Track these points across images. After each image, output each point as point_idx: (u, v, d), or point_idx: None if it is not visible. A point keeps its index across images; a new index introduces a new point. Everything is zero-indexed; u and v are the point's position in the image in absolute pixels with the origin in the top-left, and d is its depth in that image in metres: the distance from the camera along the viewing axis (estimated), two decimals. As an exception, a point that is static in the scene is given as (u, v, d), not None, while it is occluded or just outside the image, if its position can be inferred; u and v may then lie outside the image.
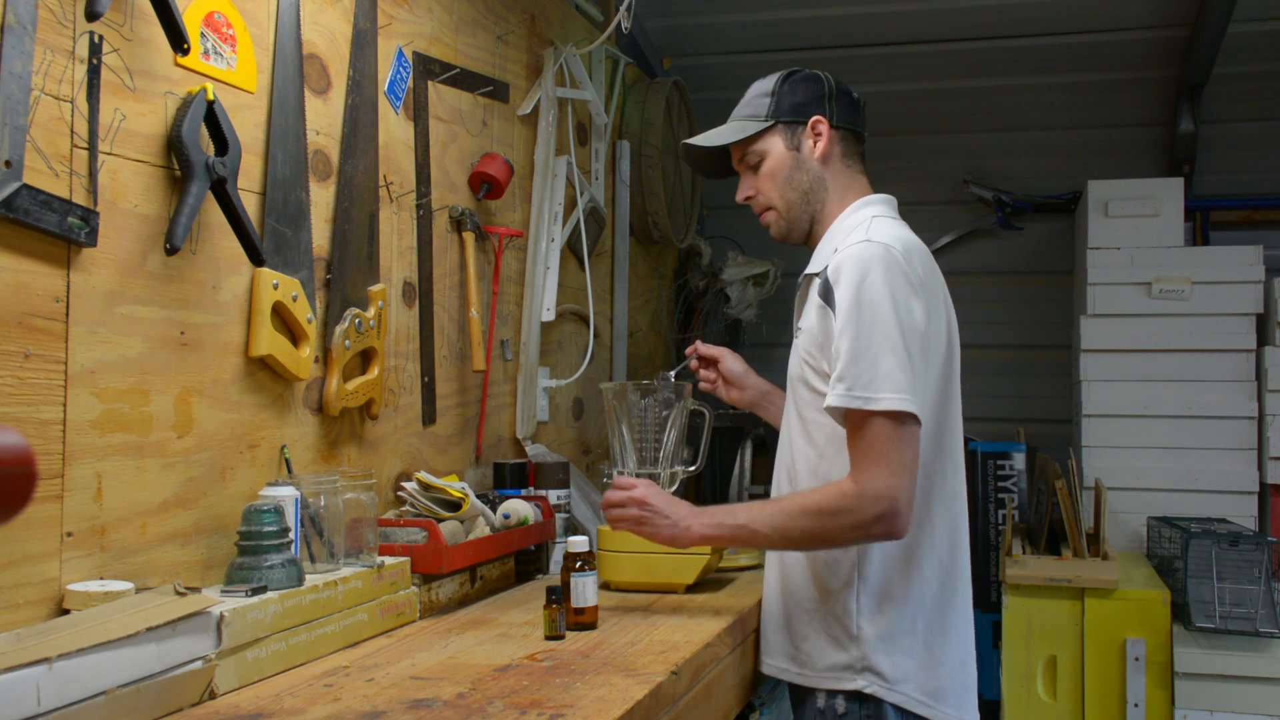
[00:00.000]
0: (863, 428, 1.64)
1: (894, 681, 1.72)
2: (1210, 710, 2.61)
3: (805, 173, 1.85)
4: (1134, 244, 3.25)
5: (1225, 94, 3.61)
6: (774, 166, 1.86)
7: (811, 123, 1.85)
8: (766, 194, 1.88)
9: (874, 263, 1.67)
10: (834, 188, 1.86)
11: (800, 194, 1.86)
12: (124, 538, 1.45)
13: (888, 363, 1.63)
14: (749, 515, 1.75)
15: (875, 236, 1.71)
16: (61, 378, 1.36)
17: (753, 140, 1.87)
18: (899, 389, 1.62)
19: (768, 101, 1.87)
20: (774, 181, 1.87)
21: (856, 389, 1.63)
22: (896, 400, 1.62)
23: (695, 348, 2.18)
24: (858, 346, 1.64)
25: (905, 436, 1.63)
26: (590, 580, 1.77)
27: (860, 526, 1.64)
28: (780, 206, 1.88)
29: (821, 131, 1.84)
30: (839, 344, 1.66)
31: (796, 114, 1.85)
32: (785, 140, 1.85)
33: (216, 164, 1.54)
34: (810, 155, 1.85)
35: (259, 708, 1.32)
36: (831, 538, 1.69)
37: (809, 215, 1.87)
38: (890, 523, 1.62)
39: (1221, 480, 3.11)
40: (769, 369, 2.22)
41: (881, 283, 1.65)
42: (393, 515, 1.96)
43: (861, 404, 1.62)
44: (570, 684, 1.42)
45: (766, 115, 1.86)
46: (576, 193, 2.80)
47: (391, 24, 2.06)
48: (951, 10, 3.47)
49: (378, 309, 1.96)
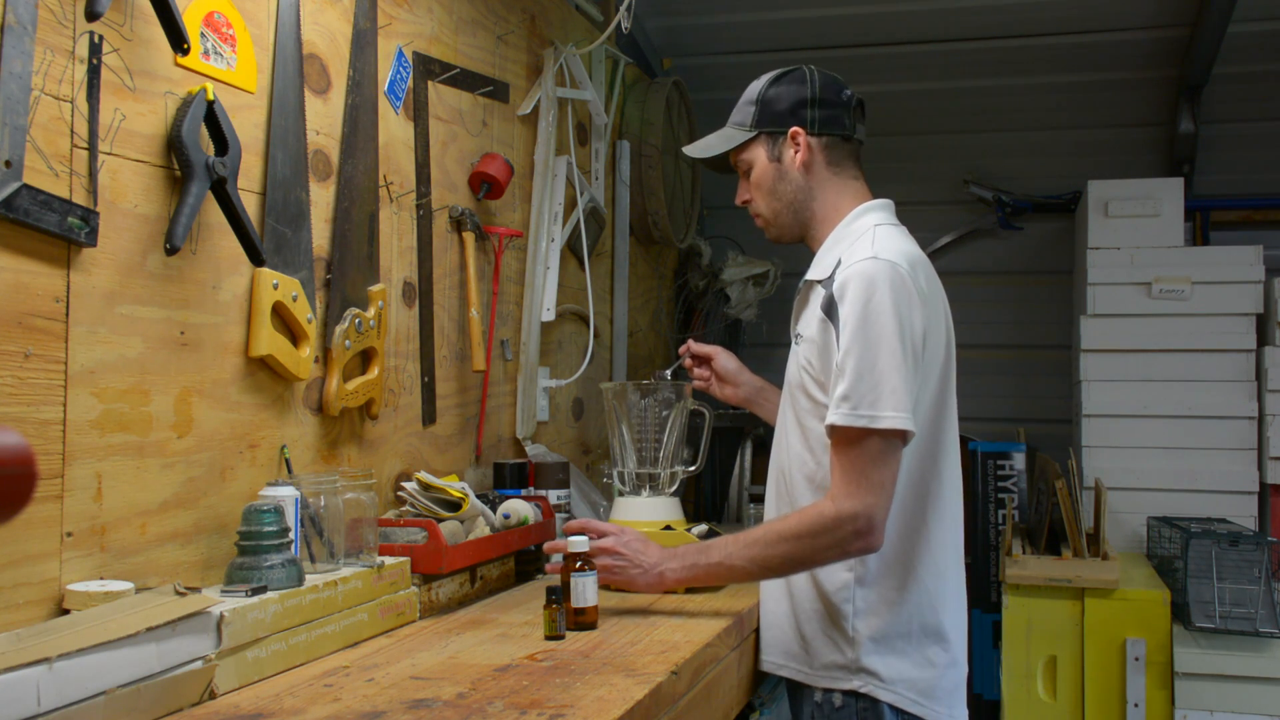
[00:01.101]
0: (854, 444, 1.67)
1: (889, 681, 1.75)
2: (1210, 710, 2.61)
3: (788, 183, 1.86)
4: (1134, 244, 3.25)
5: (1225, 94, 3.61)
6: (759, 177, 1.89)
7: (790, 134, 1.85)
8: (756, 202, 1.91)
9: (880, 281, 1.68)
10: (822, 195, 1.86)
11: (785, 204, 1.87)
12: (124, 538, 1.45)
13: (892, 381, 1.65)
14: (724, 552, 1.78)
15: (882, 253, 1.72)
16: (61, 378, 1.36)
17: (740, 150, 1.90)
18: (901, 408, 1.64)
19: (752, 110, 1.88)
20: (760, 191, 1.89)
21: (862, 408, 1.65)
22: (898, 419, 1.64)
23: (688, 346, 2.19)
24: (863, 366, 1.66)
25: (890, 454, 1.67)
26: (590, 580, 1.77)
27: (839, 545, 1.68)
28: (767, 215, 1.90)
29: (800, 142, 1.85)
30: (844, 361, 1.68)
31: (776, 124, 1.86)
32: (768, 151, 1.87)
33: (216, 164, 1.54)
34: (791, 165, 1.86)
35: (259, 708, 1.32)
36: (811, 559, 1.73)
37: (798, 223, 1.89)
38: (867, 539, 1.67)
39: (1221, 480, 3.11)
40: (769, 369, 2.22)
41: (889, 302, 1.67)
42: (393, 515, 1.96)
43: (866, 423, 1.65)
44: (570, 684, 1.42)
45: (750, 125, 1.88)
46: (576, 193, 2.80)
47: (391, 24, 2.06)
48: (951, 10, 3.47)
49: (378, 309, 1.96)
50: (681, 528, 2.11)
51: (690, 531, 2.09)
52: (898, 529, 1.76)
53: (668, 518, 2.14)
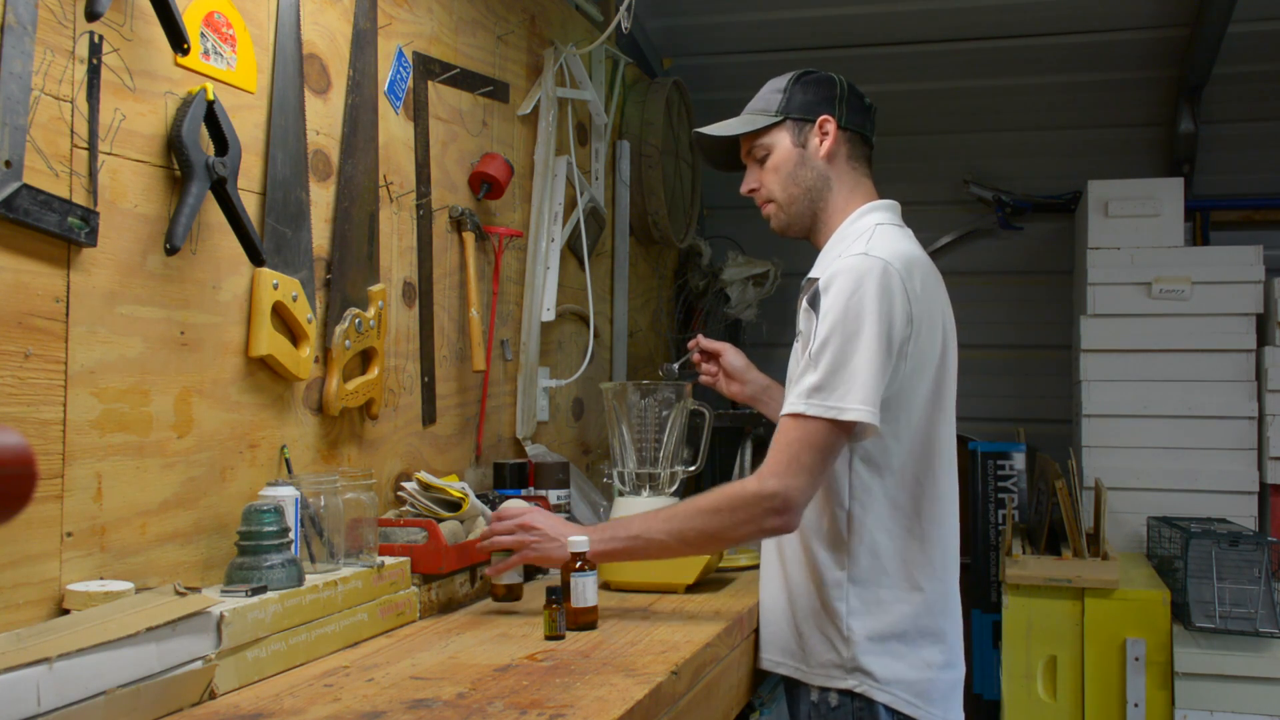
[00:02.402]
0: (799, 428, 1.68)
1: (884, 682, 1.75)
2: (1210, 710, 2.61)
3: (809, 169, 1.88)
4: (1134, 244, 3.25)
5: (1225, 94, 3.61)
6: (779, 161, 1.89)
7: (819, 121, 1.87)
8: (769, 187, 1.91)
9: (867, 278, 1.69)
10: (839, 187, 1.88)
11: (803, 190, 1.88)
12: (124, 538, 1.45)
13: (863, 376, 1.66)
14: (643, 525, 1.78)
15: (874, 251, 1.73)
16: (61, 378, 1.36)
17: (761, 134, 1.90)
18: (867, 401, 1.66)
19: (779, 98, 1.90)
20: (778, 175, 1.89)
21: (831, 399, 1.66)
22: (862, 412, 1.65)
23: (698, 341, 2.20)
24: (839, 360, 1.67)
25: (834, 444, 1.68)
26: (590, 580, 1.77)
27: (754, 521, 1.70)
28: (782, 200, 1.90)
29: (829, 131, 1.87)
30: (819, 352, 1.69)
31: (805, 111, 1.88)
32: (792, 137, 1.88)
33: (216, 164, 1.54)
34: (815, 153, 1.87)
35: (259, 708, 1.32)
36: (727, 534, 1.74)
37: (811, 212, 1.89)
38: (784, 517, 1.68)
39: (1221, 480, 3.11)
40: (769, 369, 2.22)
41: (872, 298, 1.68)
42: (393, 515, 1.97)
43: (834, 414, 1.66)
44: (570, 684, 1.42)
45: (776, 111, 1.89)
46: (576, 193, 2.80)
47: (391, 24, 2.06)
48: (951, 10, 3.47)
49: (378, 309, 1.96)
50: (681, 528, 2.11)
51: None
52: (892, 529, 1.76)
53: (668, 518, 2.13)
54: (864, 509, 1.76)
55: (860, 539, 1.76)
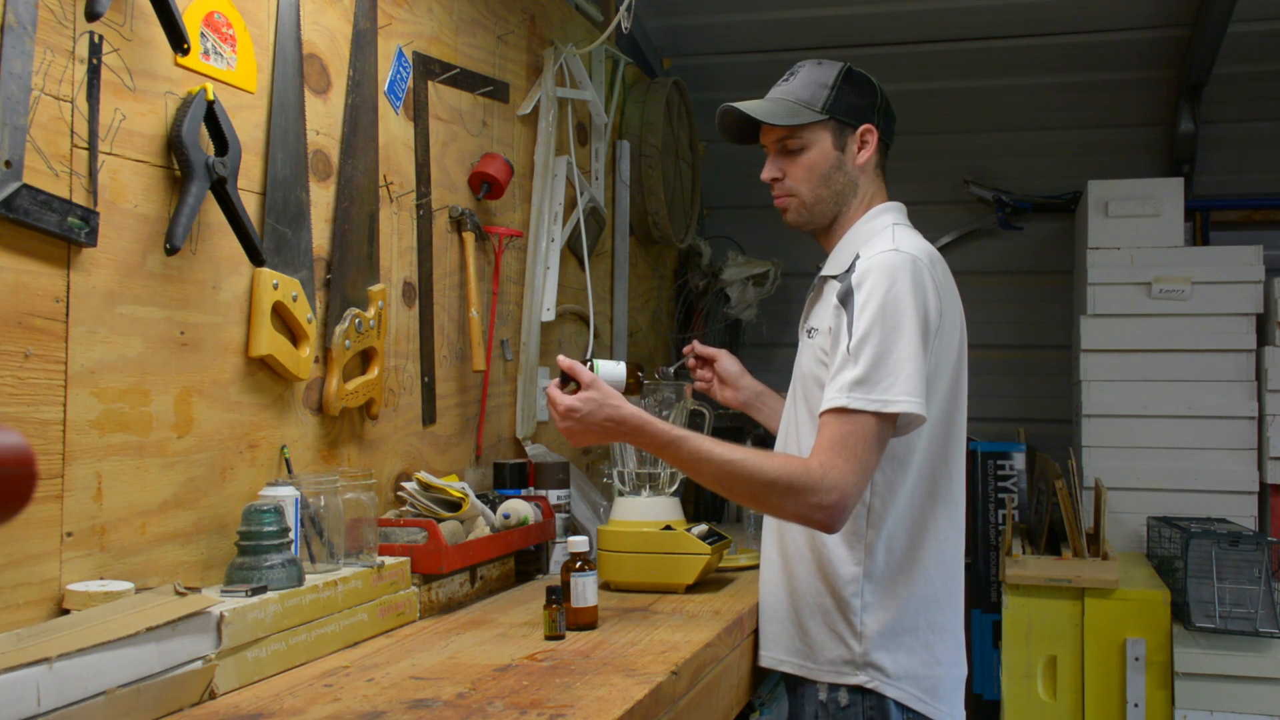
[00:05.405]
0: (850, 420, 1.65)
1: (895, 677, 1.75)
2: (1210, 710, 2.61)
3: (844, 175, 1.86)
4: (1134, 244, 3.25)
5: (1225, 94, 3.61)
6: (815, 160, 1.84)
7: (862, 130, 1.85)
8: (796, 182, 1.86)
9: (901, 272, 1.69)
10: (862, 194, 1.88)
11: (833, 193, 1.86)
12: (124, 538, 1.45)
13: (908, 368, 1.65)
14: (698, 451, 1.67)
15: (903, 247, 1.73)
16: (61, 378, 1.36)
17: (802, 127, 1.84)
18: (914, 392, 1.64)
19: (826, 94, 1.84)
20: (810, 174, 1.85)
21: (875, 392, 1.64)
22: (911, 403, 1.64)
23: (693, 347, 2.19)
24: (881, 352, 1.66)
25: (882, 438, 1.66)
26: (590, 580, 1.78)
27: (802, 514, 1.64)
28: (808, 199, 1.86)
29: (869, 141, 1.86)
30: (859, 347, 1.67)
31: (851, 116, 1.84)
32: (834, 139, 1.85)
33: (216, 164, 1.54)
34: (853, 160, 1.86)
35: (259, 708, 1.32)
36: (768, 508, 1.70)
37: (831, 214, 1.88)
38: (835, 515, 1.63)
39: (1221, 480, 3.11)
40: (769, 369, 2.23)
41: (909, 291, 1.68)
42: (393, 515, 1.96)
43: (879, 407, 1.64)
44: (570, 684, 1.42)
45: (823, 108, 1.83)
46: (576, 193, 2.80)
47: (391, 24, 2.06)
48: (952, 10, 3.47)
49: (378, 309, 1.96)
50: (681, 528, 2.11)
51: (690, 532, 2.08)
52: (909, 524, 1.77)
53: (668, 518, 2.13)
54: (884, 504, 1.76)
55: (878, 533, 1.76)
